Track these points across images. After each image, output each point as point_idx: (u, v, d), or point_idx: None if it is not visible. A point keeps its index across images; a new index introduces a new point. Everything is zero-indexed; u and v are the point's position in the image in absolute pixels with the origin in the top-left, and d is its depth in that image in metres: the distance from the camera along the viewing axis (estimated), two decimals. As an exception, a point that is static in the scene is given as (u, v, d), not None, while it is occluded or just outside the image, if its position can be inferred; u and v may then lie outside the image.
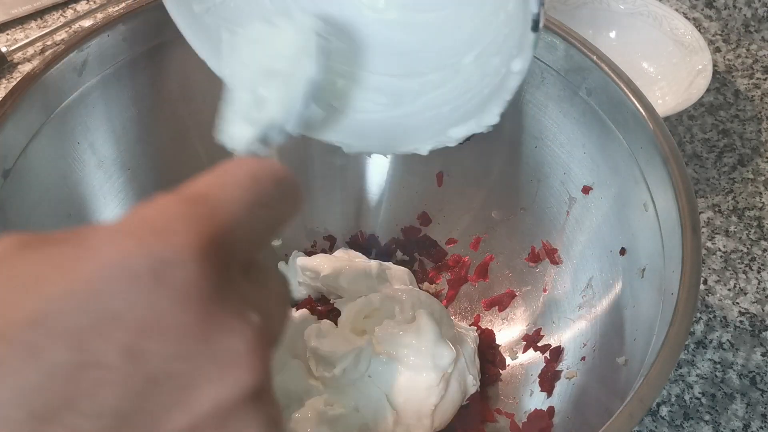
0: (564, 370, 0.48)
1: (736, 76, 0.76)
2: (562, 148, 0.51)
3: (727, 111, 0.72)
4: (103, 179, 0.50)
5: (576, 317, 0.49)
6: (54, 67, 0.45)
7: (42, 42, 0.75)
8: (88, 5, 0.79)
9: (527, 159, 0.53)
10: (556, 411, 0.46)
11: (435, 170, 0.58)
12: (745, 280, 0.60)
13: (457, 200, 0.58)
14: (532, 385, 0.49)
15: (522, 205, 0.54)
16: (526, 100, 0.51)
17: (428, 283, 0.58)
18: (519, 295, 0.54)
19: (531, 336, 0.52)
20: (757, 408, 0.54)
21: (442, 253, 0.58)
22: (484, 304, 0.56)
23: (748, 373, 0.55)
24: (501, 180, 0.55)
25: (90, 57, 0.47)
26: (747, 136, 0.70)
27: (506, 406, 0.50)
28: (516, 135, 0.53)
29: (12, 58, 0.73)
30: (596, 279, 0.48)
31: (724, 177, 0.67)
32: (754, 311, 0.59)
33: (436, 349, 0.47)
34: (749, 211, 0.65)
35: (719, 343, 0.57)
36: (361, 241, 0.60)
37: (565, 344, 0.49)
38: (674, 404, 0.54)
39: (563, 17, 0.51)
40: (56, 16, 0.78)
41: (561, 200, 0.51)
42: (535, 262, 0.53)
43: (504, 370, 0.52)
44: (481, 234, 0.57)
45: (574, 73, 0.48)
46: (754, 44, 0.78)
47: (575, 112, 0.49)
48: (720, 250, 0.62)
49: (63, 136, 0.47)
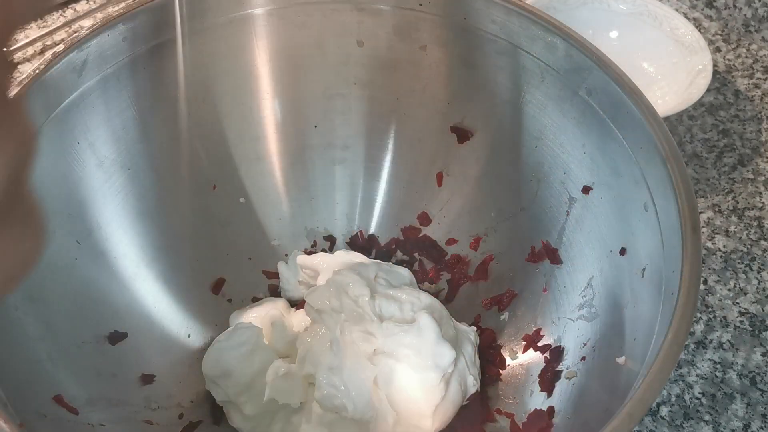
0: (564, 370, 0.48)
1: (736, 76, 0.76)
2: (562, 148, 0.51)
3: (727, 111, 0.72)
4: (103, 179, 0.50)
5: (576, 317, 0.49)
6: (54, 67, 0.45)
7: (42, 42, 0.75)
8: (88, 5, 0.79)
9: (527, 159, 0.53)
10: (556, 411, 0.46)
11: (435, 170, 0.58)
12: (745, 280, 0.60)
13: (457, 200, 0.58)
14: (532, 385, 0.49)
15: (522, 205, 0.54)
16: (526, 100, 0.51)
17: (428, 283, 0.58)
18: (519, 295, 0.54)
19: (531, 336, 0.52)
20: (757, 408, 0.54)
21: (442, 253, 0.58)
22: (484, 304, 0.56)
23: (748, 373, 0.55)
24: (501, 180, 0.55)
25: (90, 57, 0.47)
26: (747, 136, 0.70)
27: (506, 406, 0.50)
28: (516, 135, 0.53)
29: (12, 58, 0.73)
30: (596, 279, 0.48)
31: (724, 177, 0.67)
32: (754, 311, 0.59)
33: (436, 349, 0.47)
34: (749, 211, 0.65)
35: (719, 343, 0.57)
36: (361, 241, 0.60)
37: (565, 344, 0.49)
38: (674, 404, 0.54)
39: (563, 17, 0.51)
40: (56, 16, 0.78)
41: (561, 200, 0.51)
42: (535, 262, 0.53)
43: (504, 370, 0.52)
44: (481, 234, 0.57)
45: (574, 73, 0.48)
46: (754, 44, 0.78)
47: (575, 112, 0.49)
48: (720, 250, 0.62)
49: (63, 136, 0.47)
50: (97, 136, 0.49)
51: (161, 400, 0.50)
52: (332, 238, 0.60)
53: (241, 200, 0.58)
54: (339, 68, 0.56)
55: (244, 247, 0.58)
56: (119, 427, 0.46)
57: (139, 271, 0.52)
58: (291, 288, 0.57)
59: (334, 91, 0.57)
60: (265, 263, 0.58)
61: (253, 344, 0.50)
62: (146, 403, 0.49)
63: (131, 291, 0.51)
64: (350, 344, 0.48)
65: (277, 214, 0.59)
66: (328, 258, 0.56)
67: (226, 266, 0.57)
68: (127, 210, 0.51)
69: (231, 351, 0.50)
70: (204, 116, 0.55)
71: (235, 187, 0.57)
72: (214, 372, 0.50)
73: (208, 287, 0.56)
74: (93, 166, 0.49)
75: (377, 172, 0.59)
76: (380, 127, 0.58)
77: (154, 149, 0.52)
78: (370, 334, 0.49)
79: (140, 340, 0.51)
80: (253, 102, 0.56)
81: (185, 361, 0.53)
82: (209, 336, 0.54)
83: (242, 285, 0.58)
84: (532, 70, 0.50)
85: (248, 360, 0.50)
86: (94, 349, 0.48)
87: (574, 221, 0.51)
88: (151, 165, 0.52)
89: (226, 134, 0.56)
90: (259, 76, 0.56)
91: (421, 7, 0.52)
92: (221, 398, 0.50)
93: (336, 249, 0.60)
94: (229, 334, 0.51)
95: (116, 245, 0.51)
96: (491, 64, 0.52)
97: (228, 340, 0.51)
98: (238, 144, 0.57)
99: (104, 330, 0.49)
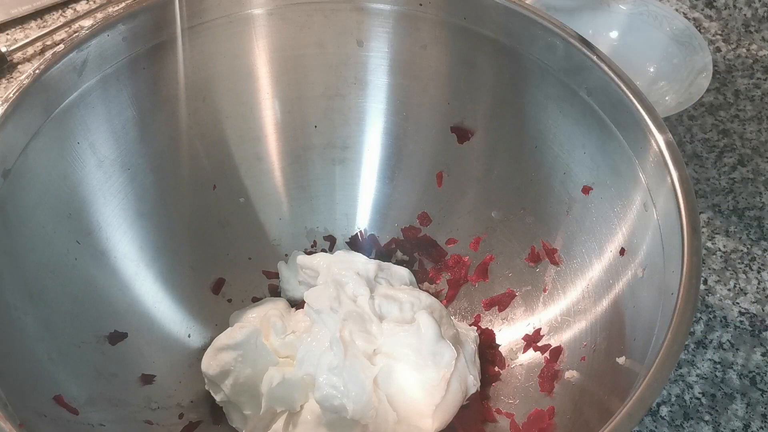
0: (564, 370, 0.48)
1: (736, 76, 0.76)
2: (562, 148, 0.51)
3: (727, 111, 0.72)
4: (103, 179, 0.50)
5: (576, 317, 0.49)
6: (54, 67, 0.45)
7: (42, 42, 0.75)
8: (88, 5, 0.79)
9: (527, 159, 0.53)
10: (556, 411, 0.46)
11: (435, 170, 0.58)
12: (745, 280, 0.60)
13: (457, 200, 0.58)
14: (532, 385, 0.49)
15: (522, 205, 0.54)
16: (526, 100, 0.51)
17: (428, 283, 0.58)
18: (519, 295, 0.54)
19: (531, 336, 0.52)
20: (757, 408, 0.54)
21: (442, 253, 0.58)
22: (484, 304, 0.56)
23: (748, 373, 0.55)
24: (501, 180, 0.55)
25: (90, 57, 0.47)
26: (747, 136, 0.70)
27: (506, 406, 0.50)
28: (516, 135, 0.53)
29: (12, 58, 0.73)
30: (596, 279, 0.48)
31: (724, 177, 0.67)
32: (754, 311, 0.59)
33: (436, 349, 0.47)
34: (749, 211, 0.65)
35: (719, 343, 0.57)
36: (361, 241, 0.60)
37: (565, 344, 0.49)
38: (674, 404, 0.54)
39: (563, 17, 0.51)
40: (56, 16, 0.78)
41: (561, 200, 0.51)
42: (535, 262, 0.53)
43: (504, 370, 0.52)
44: (481, 234, 0.57)
45: (574, 73, 0.48)
46: (754, 44, 0.78)
47: (575, 112, 0.49)
48: (720, 250, 0.62)
49: (63, 136, 0.47)
50: (97, 136, 0.49)
51: (161, 400, 0.50)
52: (332, 238, 0.60)
53: (241, 200, 0.58)
54: (339, 68, 0.56)
55: (244, 247, 0.58)
56: (119, 427, 0.46)
57: (139, 271, 0.52)
58: (291, 288, 0.57)
59: (334, 91, 0.57)
60: (265, 263, 0.58)
61: (253, 344, 0.50)
62: (146, 403, 0.49)
63: (131, 291, 0.51)
64: (350, 344, 0.48)
65: (277, 214, 0.59)
66: (328, 258, 0.56)
67: (226, 266, 0.57)
68: (126, 210, 0.51)
69: (231, 351, 0.50)
70: (204, 116, 0.55)
71: (235, 187, 0.57)
72: (214, 372, 0.50)
73: (208, 287, 0.56)
74: (93, 166, 0.49)
75: (377, 172, 0.59)
76: (380, 127, 0.58)
77: (154, 149, 0.52)
78: (370, 334, 0.49)
79: (140, 340, 0.51)
80: (253, 102, 0.56)
81: (185, 361, 0.53)
82: (209, 336, 0.54)
83: (242, 285, 0.58)
84: (532, 70, 0.50)
85: (247, 360, 0.50)
86: (94, 349, 0.48)
87: (574, 221, 0.51)
88: (151, 165, 0.52)
89: (226, 134, 0.56)
90: (259, 76, 0.56)
91: (421, 7, 0.52)
92: (221, 398, 0.50)
93: (336, 249, 0.60)
94: (228, 334, 0.51)
95: (116, 245, 0.51)
96: (491, 64, 0.52)
97: (228, 341, 0.51)
98: (238, 144, 0.57)
99: (104, 330, 0.49)
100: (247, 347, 0.50)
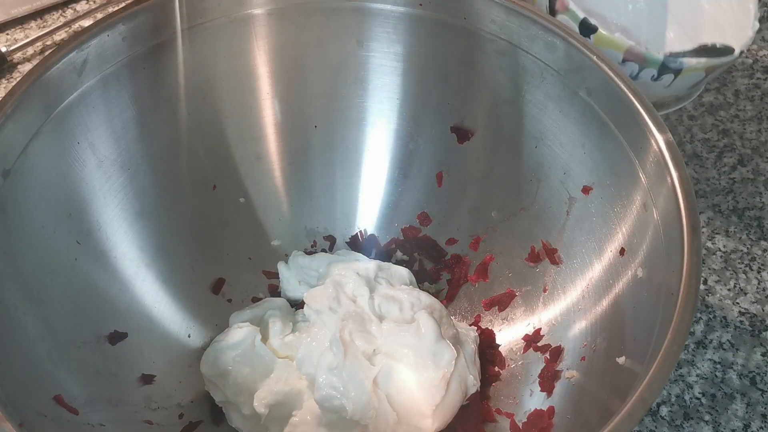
0: (564, 370, 0.48)
1: (736, 76, 0.76)
2: (562, 148, 0.51)
3: (727, 111, 0.72)
4: (103, 179, 0.50)
5: (576, 317, 0.49)
6: (54, 67, 0.45)
7: (42, 42, 0.75)
8: (88, 5, 0.79)
9: (527, 159, 0.53)
10: (556, 411, 0.46)
11: (435, 170, 0.58)
12: (745, 280, 0.60)
13: (457, 200, 0.58)
14: (532, 385, 0.49)
15: (522, 205, 0.54)
16: (526, 100, 0.51)
17: (428, 283, 0.58)
18: (519, 295, 0.54)
19: (531, 336, 0.52)
20: (757, 408, 0.54)
21: (442, 253, 0.58)
22: (484, 304, 0.56)
23: (748, 373, 0.55)
24: (501, 180, 0.55)
25: (90, 57, 0.47)
26: (747, 136, 0.70)
27: (506, 406, 0.50)
28: (516, 135, 0.53)
29: (12, 58, 0.73)
30: (596, 279, 0.48)
31: (724, 177, 0.67)
32: (754, 311, 0.59)
33: (436, 349, 0.47)
34: (749, 211, 0.65)
35: (719, 343, 0.57)
36: (361, 241, 0.60)
37: (565, 344, 0.49)
38: (674, 404, 0.54)
39: (563, 17, 0.51)
40: (56, 16, 0.78)
41: (561, 200, 0.51)
42: (535, 262, 0.53)
43: (504, 370, 0.52)
44: (481, 234, 0.57)
45: (574, 73, 0.48)
46: (754, 44, 0.78)
47: (575, 112, 0.49)
48: (720, 250, 0.62)
49: (63, 136, 0.47)
50: (97, 136, 0.49)
51: (161, 400, 0.50)
52: (332, 238, 0.60)
53: (241, 200, 0.58)
54: (339, 68, 0.56)
55: (244, 247, 0.58)
56: (119, 427, 0.46)
57: (139, 271, 0.52)
58: (291, 288, 0.57)
59: (334, 91, 0.57)
60: (265, 263, 0.58)
61: (251, 345, 0.50)
62: (146, 403, 0.49)
63: (131, 291, 0.51)
64: (350, 344, 0.48)
65: (277, 214, 0.59)
66: (327, 258, 0.56)
67: (226, 266, 0.57)
68: (126, 210, 0.51)
69: (229, 351, 0.50)
70: (204, 116, 0.55)
71: (235, 187, 0.57)
72: (213, 372, 0.50)
73: (208, 287, 0.56)
74: (93, 166, 0.49)
75: (377, 172, 0.59)
76: (380, 127, 0.58)
77: (154, 149, 0.52)
78: (370, 334, 0.49)
79: (140, 340, 0.51)
80: (253, 102, 0.56)
81: (185, 361, 0.53)
82: (209, 336, 0.54)
83: (242, 285, 0.58)
84: (532, 70, 0.50)
85: (246, 361, 0.50)
86: (94, 349, 0.48)
87: (574, 221, 0.51)
88: (151, 165, 0.52)
89: (226, 134, 0.56)
90: (259, 76, 0.56)
91: (421, 7, 0.52)
92: (220, 398, 0.50)
93: (336, 249, 0.60)
94: (227, 334, 0.51)
95: (116, 245, 0.51)
96: (491, 64, 0.52)
97: (226, 341, 0.51)
98: (238, 144, 0.57)
99: (104, 330, 0.49)
100: (246, 347, 0.50)
